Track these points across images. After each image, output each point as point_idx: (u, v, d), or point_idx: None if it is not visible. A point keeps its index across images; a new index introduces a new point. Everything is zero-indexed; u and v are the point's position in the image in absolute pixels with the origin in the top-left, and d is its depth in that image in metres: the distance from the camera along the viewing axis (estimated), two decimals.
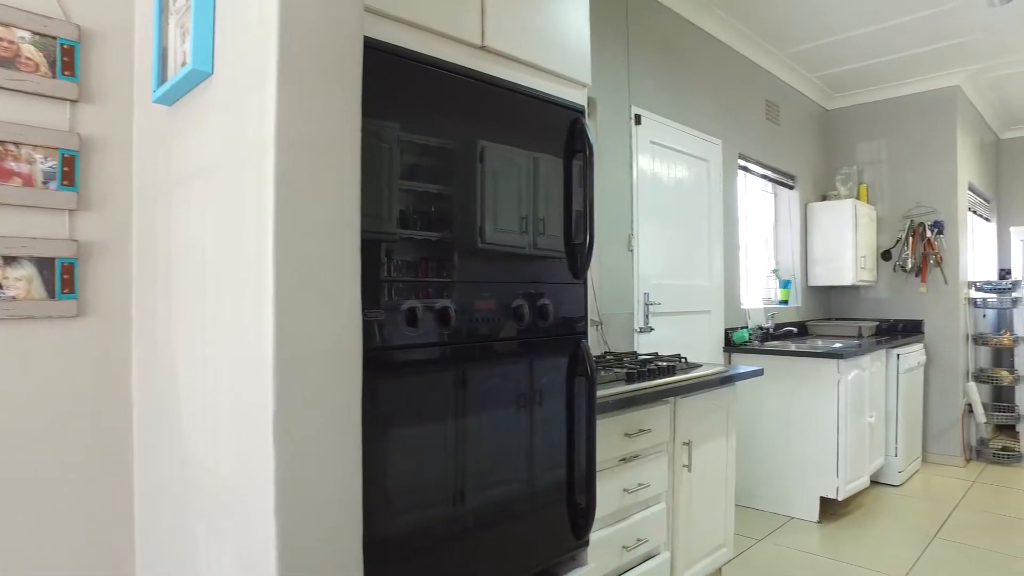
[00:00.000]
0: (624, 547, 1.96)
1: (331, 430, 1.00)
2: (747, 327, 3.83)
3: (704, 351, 3.46)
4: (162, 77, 1.24)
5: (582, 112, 1.64)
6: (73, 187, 1.37)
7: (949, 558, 2.90)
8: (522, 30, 1.50)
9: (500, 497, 1.43)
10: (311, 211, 0.98)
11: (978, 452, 4.65)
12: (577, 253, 1.58)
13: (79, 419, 1.38)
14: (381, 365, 1.20)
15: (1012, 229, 5.46)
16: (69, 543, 1.36)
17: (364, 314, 1.17)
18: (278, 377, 0.94)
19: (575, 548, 1.63)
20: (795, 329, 4.30)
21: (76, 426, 1.38)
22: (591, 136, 1.58)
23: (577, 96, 1.65)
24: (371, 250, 1.18)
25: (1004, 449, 4.59)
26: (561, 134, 1.58)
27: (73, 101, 1.38)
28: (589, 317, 2.65)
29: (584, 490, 1.60)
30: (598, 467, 1.83)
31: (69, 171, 1.36)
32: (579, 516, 1.61)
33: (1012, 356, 4.84)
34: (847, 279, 4.49)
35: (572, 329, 1.60)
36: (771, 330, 4.05)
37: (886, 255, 4.79)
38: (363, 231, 1.15)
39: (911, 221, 4.66)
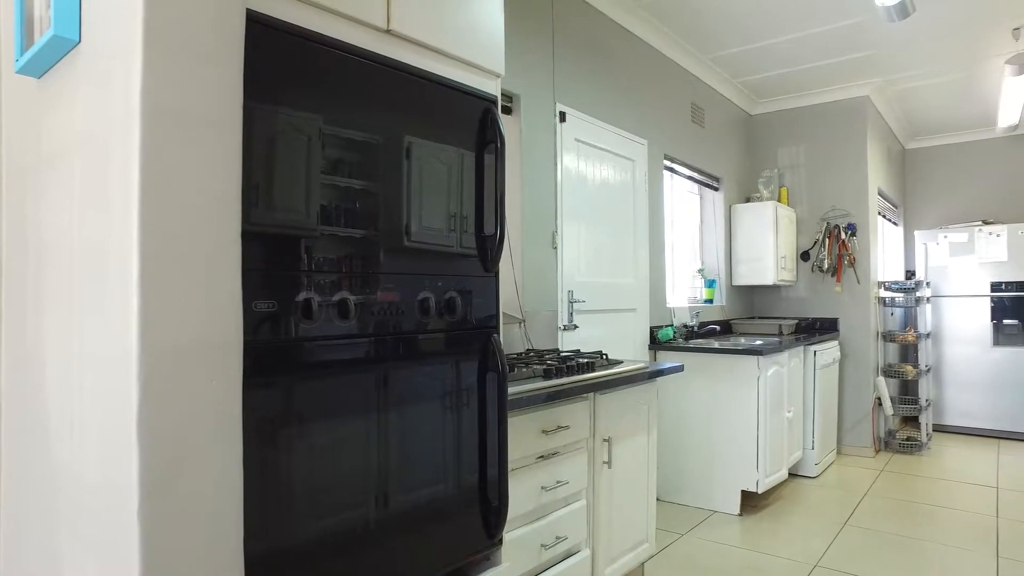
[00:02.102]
0: (543, 545, 1.94)
1: (206, 427, 0.92)
2: (672, 325, 3.91)
3: (629, 349, 3.50)
4: (25, 45, 1.13)
5: (494, 102, 1.61)
6: None
7: (857, 543, 3.04)
8: (431, 15, 1.45)
9: (408, 497, 1.38)
10: (182, 190, 0.91)
11: (886, 443, 4.91)
12: (488, 245, 1.55)
13: None
14: (274, 359, 1.13)
15: (916, 233, 5.80)
16: None
17: (252, 305, 1.10)
18: (143, 368, 0.86)
19: (488, 548, 1.59)
20: (718, 327, 4.43)
21: None
22: (502, 127, 1.55)
23: (490, 86, 1.62)
24: (267, 239, 1.12)
25: (909, 439, 4.86)
26: (473, 125, 1.55)
27: None
28: (510, 313, 2.63)
29: (496, 488, 1.57)
30: (514, 465, 1.81)
31: None
32: (491, 515, 1.57)
33: (916, 352, 5.15)
34: (769, 279, 4.65)
35: (483, 323, 1.56)
36: (696, 328, 4.15)
37: (805, 256, 5.00)
38: (257, 221, 1.09)
39: (827, 223, 4.88)
